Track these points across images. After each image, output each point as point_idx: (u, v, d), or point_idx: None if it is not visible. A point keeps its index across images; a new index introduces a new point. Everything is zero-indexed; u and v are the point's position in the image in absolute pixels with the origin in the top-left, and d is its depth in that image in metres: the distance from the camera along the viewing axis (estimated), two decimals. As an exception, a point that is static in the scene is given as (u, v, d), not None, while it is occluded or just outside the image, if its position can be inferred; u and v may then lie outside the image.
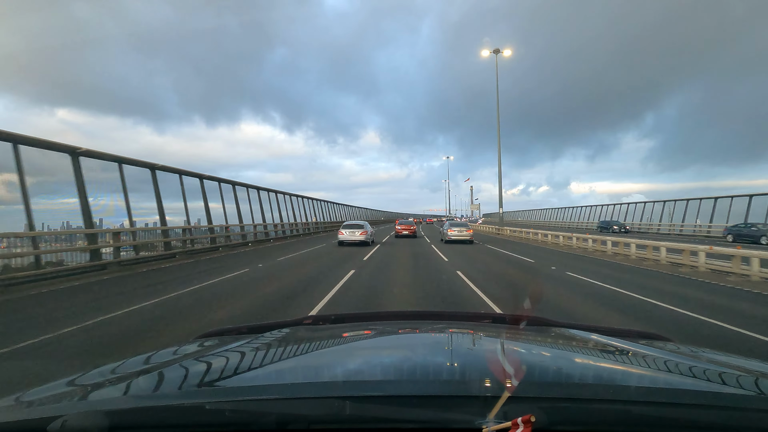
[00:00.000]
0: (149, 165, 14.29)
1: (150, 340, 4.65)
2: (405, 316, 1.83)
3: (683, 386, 1.00)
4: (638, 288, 8.42)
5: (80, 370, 1.08)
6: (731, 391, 0.96)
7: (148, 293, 7.54)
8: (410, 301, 6.83)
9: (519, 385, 0.76)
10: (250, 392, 0.88)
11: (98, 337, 4.83)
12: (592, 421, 0.75)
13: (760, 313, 6.46)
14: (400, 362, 1.15)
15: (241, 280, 9.22)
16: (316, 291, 7.57)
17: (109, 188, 12.46)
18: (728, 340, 4.95)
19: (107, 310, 6.05)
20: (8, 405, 0.86)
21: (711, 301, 7.41)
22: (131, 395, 0.93)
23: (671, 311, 6.43)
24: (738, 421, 0.75)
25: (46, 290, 8.13)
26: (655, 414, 0.76)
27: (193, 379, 1.02)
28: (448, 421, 0.73)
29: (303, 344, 1.38)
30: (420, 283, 8.54)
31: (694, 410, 0.78)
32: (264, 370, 1.11)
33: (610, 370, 1.14)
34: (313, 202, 34.90)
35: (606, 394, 0.84)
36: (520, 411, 0.68)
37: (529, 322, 1.56)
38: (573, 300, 7.22)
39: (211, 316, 5.80)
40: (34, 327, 5.24)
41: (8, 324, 5.67)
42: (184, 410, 0.78)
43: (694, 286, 9.02)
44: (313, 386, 0.90)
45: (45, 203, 10.27)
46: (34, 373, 3.71)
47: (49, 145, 10.35)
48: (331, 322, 1.72)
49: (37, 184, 9.96)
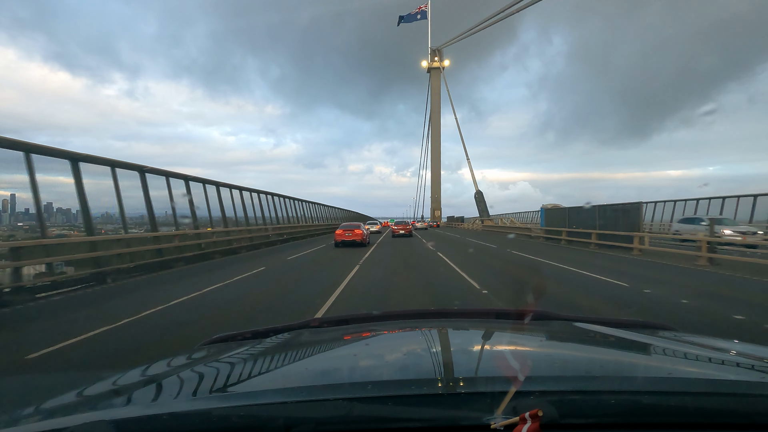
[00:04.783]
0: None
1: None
2: (409, 316, 1.84)
3: (689, 374, 1.01)
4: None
5: (85, 380, 1.01)
6: (737, 377, 0.98)
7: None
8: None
9: (525, 379, 0.77)
10: (256, 397, 0.87)
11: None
12: (600, 413, 0.75)
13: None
14: (406, 362, 1.15)
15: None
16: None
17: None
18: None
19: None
20: (14, 419, 0.85)
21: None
22: (137, 404, 0.92)
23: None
24: (745, 406, 0.77)
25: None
26: (663, 403, 0.77)
27: (198, 386, 1.01)
28: (457, 419, 0.73)
29: (308, 347, 1.38)
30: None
31: (701, 398, 0.79)
32: (270, 375, 1.11)
33: (615, 361, 1.15)
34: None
35: (613, 385, 0.85)
36: (527, 406, 0.69)
37: (534, 316, 1.57)
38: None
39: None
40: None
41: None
42: (191, 417, 0.78)
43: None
44: (320, 388, 0.90)
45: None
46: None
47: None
48: (335, 324, 1.72)
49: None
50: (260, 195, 22.22)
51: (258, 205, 21.78)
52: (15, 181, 9.39)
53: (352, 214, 61.06)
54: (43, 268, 8.82)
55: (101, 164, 11.03)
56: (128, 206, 11.97)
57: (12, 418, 0.85)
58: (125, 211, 11.75)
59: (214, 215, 16.72)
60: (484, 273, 10.01)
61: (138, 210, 12.80)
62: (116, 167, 11.46)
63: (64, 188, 10.13)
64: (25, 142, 8.74)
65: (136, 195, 12.40)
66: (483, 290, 7.49)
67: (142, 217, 13.11)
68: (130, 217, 12.40)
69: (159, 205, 13.19)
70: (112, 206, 11.78)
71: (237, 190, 19.16)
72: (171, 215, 14.00)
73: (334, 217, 46.72)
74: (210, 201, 16.51)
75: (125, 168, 11.91)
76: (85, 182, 10.20)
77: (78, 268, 9.78)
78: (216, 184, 17.17)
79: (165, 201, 13.70)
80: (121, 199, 11.60)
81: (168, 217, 13.94)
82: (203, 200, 15.97)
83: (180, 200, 14.25)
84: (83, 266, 9.71)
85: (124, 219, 11.70)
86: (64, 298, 7.76)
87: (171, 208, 13.95)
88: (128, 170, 12.04)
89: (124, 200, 11.68)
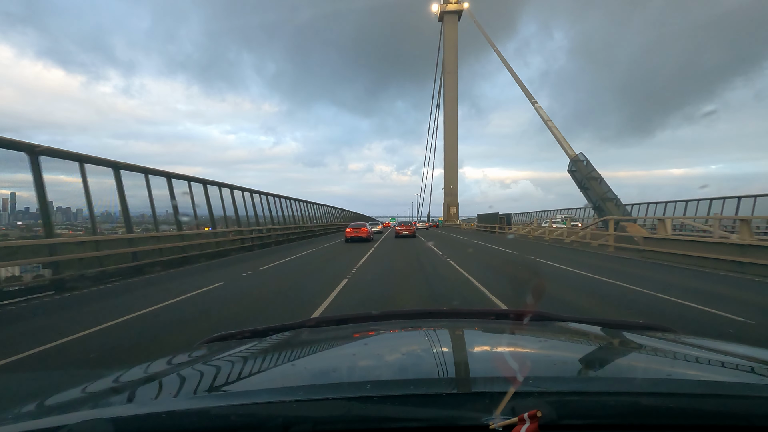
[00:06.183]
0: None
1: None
2: (408, 315, 1.84)
3: (689, 376, 1.01)
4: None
5: (84, 378, 1.01)
6: (736, 379, 0.97)
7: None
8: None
9: (524, 380, 0.76)
10: (255, 396, 0.87)
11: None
12: (599, 414, 0.75)
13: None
14: (405, 361, 1.15)
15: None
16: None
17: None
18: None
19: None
20: (14, 416, 0.85)
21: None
22: (136, 402, 0.92)
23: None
24: (744, 408, 0.76)
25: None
26: (662, 405, 0.76)
27: (198, 384, 1.01)
28: (455, 419, 0.73)
29: (306, 347, 1.38)
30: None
31: (700, 399, 0.79)
32: (269, 374, 1.11)
33: (615, 362, 1.15)
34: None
35: (612, 386, 0.85)
36: (526, 406, 0.68)
37: (533, 317, 1.57)
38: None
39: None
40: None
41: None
42: (190, 415, 0.77)
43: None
44: (319, 388, 0.90)
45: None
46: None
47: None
48: (334, 323, 1.72)
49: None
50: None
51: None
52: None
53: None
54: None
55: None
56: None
57: (12, 415, 0.85)
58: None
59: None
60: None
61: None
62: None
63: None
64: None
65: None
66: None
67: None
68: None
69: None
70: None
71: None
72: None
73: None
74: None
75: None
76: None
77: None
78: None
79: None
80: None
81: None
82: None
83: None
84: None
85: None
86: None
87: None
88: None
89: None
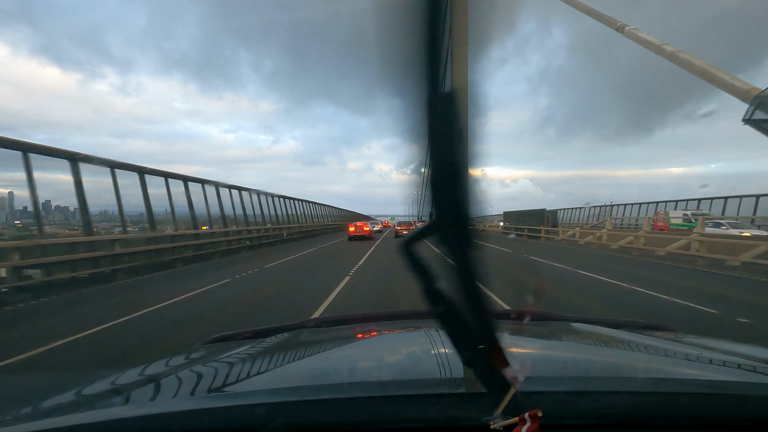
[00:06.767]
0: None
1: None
2: (408, 315, 1.84)
3: (689, 376, 1.00)
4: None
5: (85, 379, 1.01)
6: (738, 378, 0.97)
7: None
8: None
9: (525, 380, 0.75)
10: (255, 396, 0.87)
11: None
12: (600, 413, 0.75)
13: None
14: (405, 361, 1.15)
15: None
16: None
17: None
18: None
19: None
20: (12, 418, 0.84)
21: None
22: (135, 403, 0.92)
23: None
24: (745, 408, 0.76)
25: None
26: (663, 404, 0.76)
27: (197, 385, 1.00)
28: (456, 419, 0.72)
29: (306, 347, 1.38)
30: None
31: (701, 399, 0.78)
32: (269, 374, 1.11)
33: (615, 362, 1.15)
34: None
35: (612, 386, 0.85)
36: (527, 406, 0.68)
37: (533, 317, 1.56)
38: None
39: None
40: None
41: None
42: (189, 416, 0.77)
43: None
44: (319, 388, 0.90)
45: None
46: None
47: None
48: (334, 323, 1.72)
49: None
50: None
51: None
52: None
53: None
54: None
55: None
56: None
57: (10, 417, 0.85)
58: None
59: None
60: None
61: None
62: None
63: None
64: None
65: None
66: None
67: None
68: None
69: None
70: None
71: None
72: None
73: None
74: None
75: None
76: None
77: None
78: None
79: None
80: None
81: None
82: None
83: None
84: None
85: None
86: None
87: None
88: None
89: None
